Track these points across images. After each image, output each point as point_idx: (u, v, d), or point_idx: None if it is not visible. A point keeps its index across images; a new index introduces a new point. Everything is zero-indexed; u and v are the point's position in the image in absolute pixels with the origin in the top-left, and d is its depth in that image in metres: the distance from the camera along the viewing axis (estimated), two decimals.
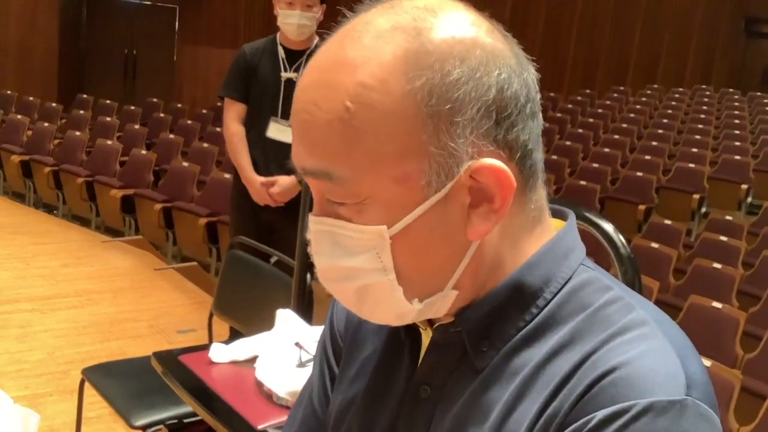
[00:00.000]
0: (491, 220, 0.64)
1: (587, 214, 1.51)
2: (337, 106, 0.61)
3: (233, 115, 3.38)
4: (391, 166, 0.61)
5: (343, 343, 0.85)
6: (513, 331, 0.67)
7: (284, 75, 3.31)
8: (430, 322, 0.73)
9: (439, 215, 0.63)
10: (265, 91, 3.33)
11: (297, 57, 3.32)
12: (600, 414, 0.58)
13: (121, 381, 2.64)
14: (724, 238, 5.79)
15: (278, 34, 3.35)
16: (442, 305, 0.68)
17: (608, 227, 1.47)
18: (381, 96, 0.60)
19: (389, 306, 0.67)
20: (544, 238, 0.70)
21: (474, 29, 0.64)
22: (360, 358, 0.81)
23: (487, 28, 0.65)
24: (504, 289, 0.68)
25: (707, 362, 3.56)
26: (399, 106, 0.60)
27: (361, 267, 0.65)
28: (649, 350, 0.61)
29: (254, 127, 3.35)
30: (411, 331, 0.76)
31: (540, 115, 0.67)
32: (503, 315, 0.68)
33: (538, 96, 0.66)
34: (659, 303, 4.73)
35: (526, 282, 0.67)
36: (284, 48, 3.32)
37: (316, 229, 0.67)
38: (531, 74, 0.66)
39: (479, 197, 0.63)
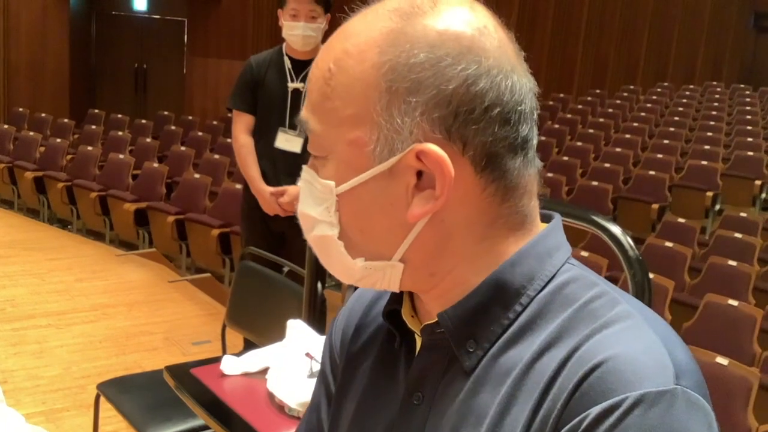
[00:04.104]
0: (429, 205, 0.66)
1: (594, 217, 1.51)
2: (325, 66, 0.69)
3: (242, 127, 3.39)
4: (348, 128, 0.67)
5: (339, 359, 0.86)
6: (498, 329, 0.68)
7: (291, 85, 3.32)
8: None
9: (382, 187, 0.67)
10: (272, 101, 3.34)
11: (303, 67, 3.33)
12: (593, 411, 0.58)
13: (136, 395, 2.66)
14: (738, 235, 5.75)
15: (284, 45, 3.36)
16: (392, 275, 0.71)
17: (616, 230, 1.47)
18: (355, 63, 0.67)
19: (337, 259, 0.72)
20: (527, 240, 0.71)
21: (462, 25, 0.66)
22: (357, 371, 0.82)
23: (478, 27, 0.67)
24: (484, 287, 0.69)
25: (724, 360, 3.53)
26: (365, 75, 0.66)
27: (317, 217, 0.71)
28: (634, 341, 0.61)
29: (263, 137, 3.36)
30: (406, 339, 0.77)
31: (521, 128, 0.67)
32: (486, 313, 0.69)
33: (522, 107, 0.67)
34: (675, 302, 4.70)
35: (508, 280, 0.69)
36: (290, 58, 3.34)
37: (302, 177, 0.74)
38: (517, 83, 0.67)
39: (427, 182, 0.67)
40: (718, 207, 7.56)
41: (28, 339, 4.18)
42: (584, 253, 4.92)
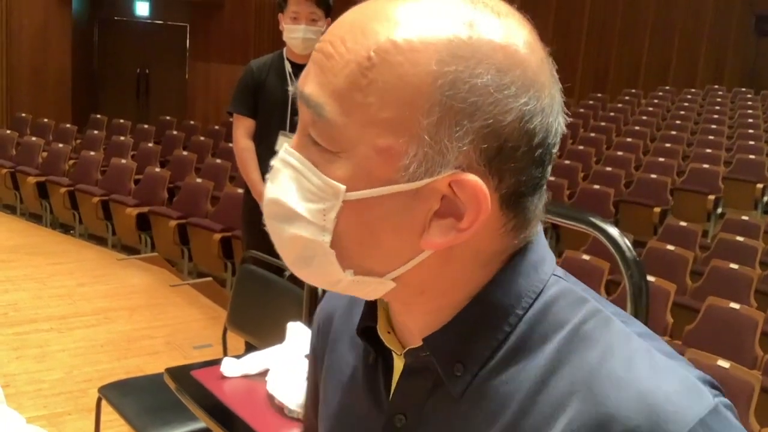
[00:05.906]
0: (450, 236, 0.60)
1: (592, 219, 1.51)
2: (361, 51, 0.59)
3: (242, 131, 3.40)
4: (381, 133, 0.58)
5: (319, 362, 0.83)
6: (486, 351, 0.63)
7: (291, 89, 3.32)
8: (403, 347, 0.69)
9: (401, 206, 0.59)
10: (273, 105, 3.35)
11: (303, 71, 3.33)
12: None
13: (137, 398, 2.66)
14: (740, 239, 5.75)
15: (284, 49, 3.37)
16: (376, 290, 0.64)
17: (613, 231, 1.47)
18: (405, 62, 0.57)
19: (320, 267, 0.63)
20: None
21: (527, 51, 0.60)
22: (334, 378, 0.79)
23: (541, 58, 0.62)
24: (473, 309, 0.64)
25: (726, 364, 3.53)
26: (417, 80, 0.57)
27: (303, 216, 0.61)
28: (656, 372, 0.58)
29: (263, 141, 3.37)
30: (383, 355, 0.72)
31: (548, 170, 0.63)
32: (473, 335, 0.64)
33: (555, 149, 0.63)
34: (677, 305, 4.70)
35: (496, 300, 0.64)
36: (291, 62, 3.35)
37: (284, 159, 0.64)
38: (558, 124, 0.63)
39: (449, 209, 0.60)
40: (719, 210, 7.56)
41: (30, 343, 4.18)
42: (585, 257, 4.92)
